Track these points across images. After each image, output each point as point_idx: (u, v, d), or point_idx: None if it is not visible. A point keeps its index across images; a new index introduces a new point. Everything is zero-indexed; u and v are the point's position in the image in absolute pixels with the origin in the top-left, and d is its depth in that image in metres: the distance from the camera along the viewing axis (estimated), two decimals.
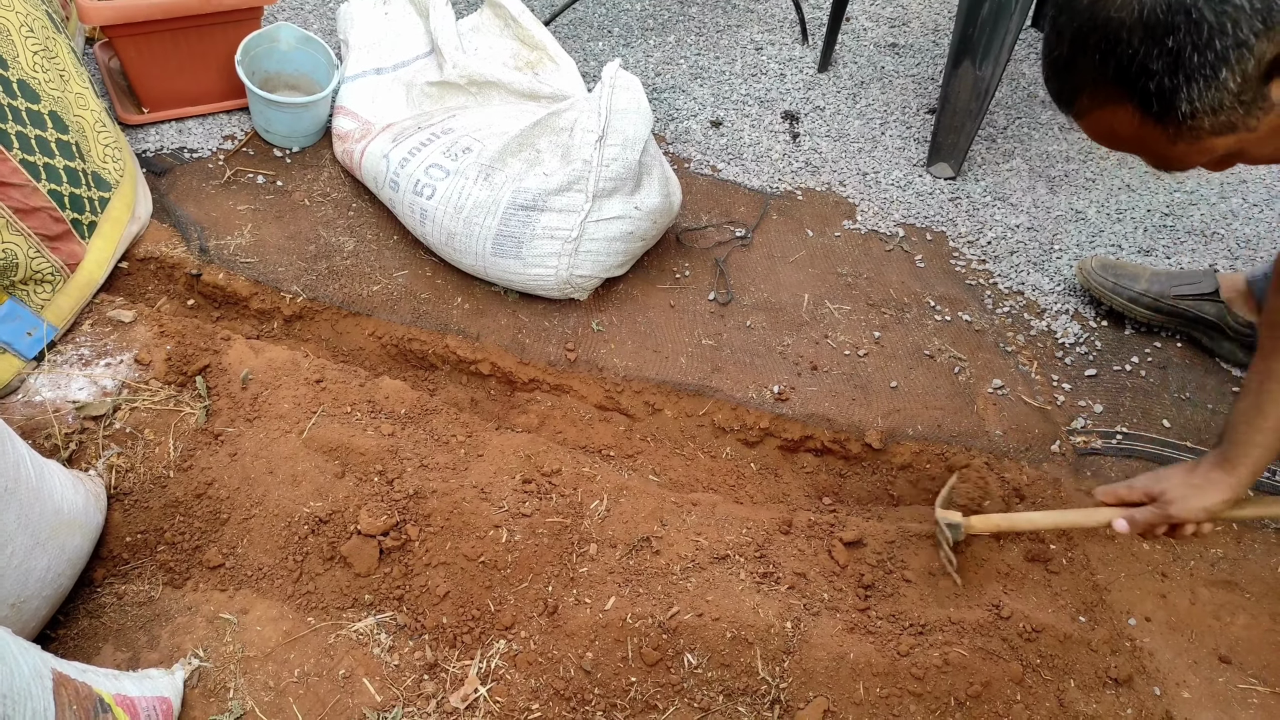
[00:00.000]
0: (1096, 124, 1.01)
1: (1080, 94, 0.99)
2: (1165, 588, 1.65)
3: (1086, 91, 0.97)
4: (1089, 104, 0.99)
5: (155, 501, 1.53)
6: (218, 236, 2.00)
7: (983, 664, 1.44)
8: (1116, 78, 0.92)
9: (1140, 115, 0.94)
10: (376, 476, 1.57)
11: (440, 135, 2.00)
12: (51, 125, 1.74)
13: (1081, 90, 0.98)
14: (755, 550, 1.58)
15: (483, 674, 1.41)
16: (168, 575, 1.48)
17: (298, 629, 1.41)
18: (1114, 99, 0.95)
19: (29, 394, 1.63)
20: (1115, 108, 0.96)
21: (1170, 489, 1.37)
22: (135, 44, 2.09)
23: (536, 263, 1.91)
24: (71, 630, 1.39)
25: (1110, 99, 0.95)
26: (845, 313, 2.08)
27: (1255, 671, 1.55)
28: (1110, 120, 0.98)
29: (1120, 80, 0.92)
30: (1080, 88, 0.98)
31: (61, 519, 1.32)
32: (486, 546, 1.50)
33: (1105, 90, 0.95)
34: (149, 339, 1.75)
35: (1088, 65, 0.94)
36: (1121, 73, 0.91)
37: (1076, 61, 0.95)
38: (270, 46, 2.23)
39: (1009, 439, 1.85)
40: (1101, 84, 0.94)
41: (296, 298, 1.95)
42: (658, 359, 1.93)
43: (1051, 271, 2.23)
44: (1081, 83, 0.97)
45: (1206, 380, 2.02)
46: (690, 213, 2.27)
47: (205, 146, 2.21)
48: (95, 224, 1.83)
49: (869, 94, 2.72)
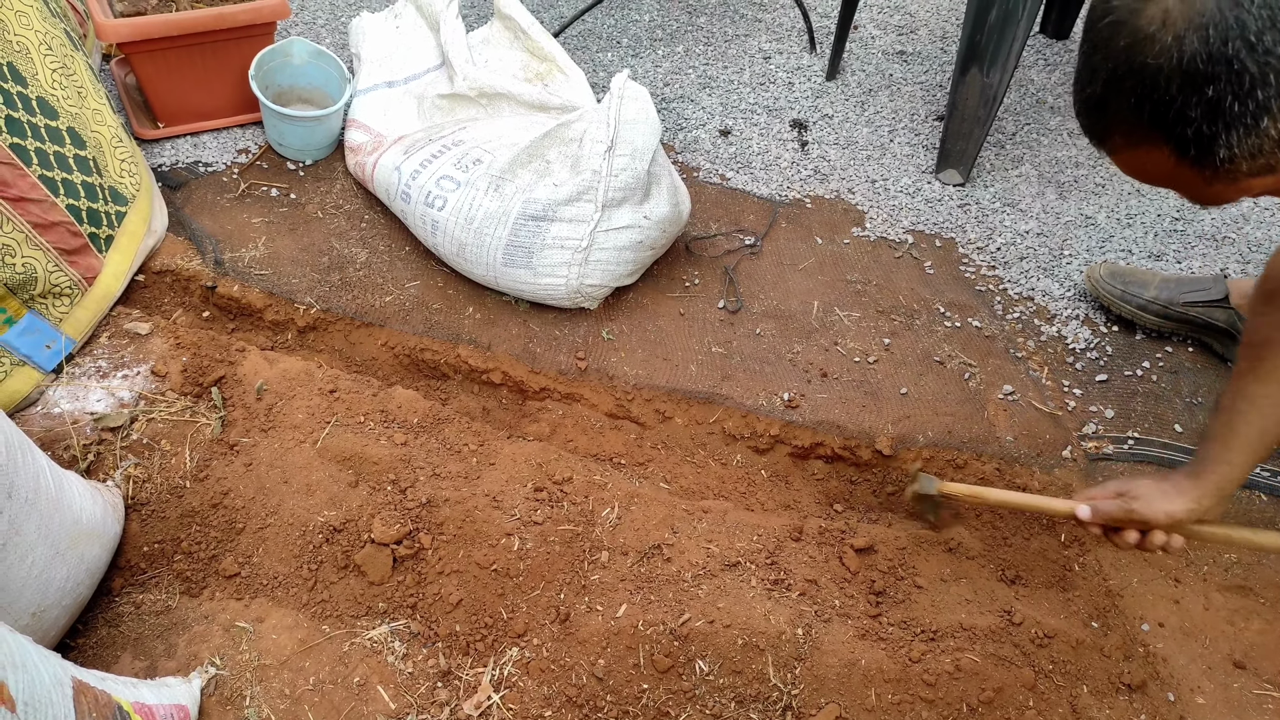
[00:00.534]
0: (1129, 162, 1.00)
1: (1113, 133, 0.97)
2: (1178, 593, 1.65)
3: (1120, 131, 0.96)
4: (1122, 143, 0.97)
5: (172, 511, 1.54)
6: (232, 249, 2.03)
7: (995, 670, 1.44)
8: (1153, 122, 0.90)
9: (1176, 158, 0.92)
10: (389, 485, 1.59)
11: (451, 147, 2.02)
12: (69, 141, 1.77)
13: (1114, 130, 0.96)
14: (766, 557, 1.58)
15: (496, 681, 1.41)
16: (184, 584, 1.49)
17: (313, 637, 1.43)
18: (1149, 141, 0.93)
19: (48, 406, 1.65)
20: (1150, 149, 0.94)
21: (1138, 488, 1.37)
22: (151, 60, 2.12)
23: (547, 272, 1.93)
24: (90, 639, 1.41)
25: (1145, 140, 0.93)
26: (855, 320, 2.09)
27: (1270, 677, 1.54)
28: (1144, 160, 0.97)
29: (1156, 125, 0.90)
30: (1113, 128, 0.96)
31: (80, 529, 1.34)
32: (499, 554, 1.51)
33: (1140, 132, 0.93)
34: (165, 351, 1.78)
35: (1122, 107, 0.92)
36: (1158, 118, 0.89)
37: (1110, 103, 0.93)
38: (283, 61, 2.26)
39: (1020, 445, 1.85)
40: (1136, 126, 0.92)
41: (310, 309, 1.97)
42: (668, 367, 1.94)
43: (1062, 277, 2.23)
44: (1115, 123, 0.95)
45: (1219, 385, 2.01)
46: (699, 221, 2.29)
47: (220, 160, 2.24)
48: (112, 238, 1.86)
49: (877, 101, 2.73)
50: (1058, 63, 2.94)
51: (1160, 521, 1.34)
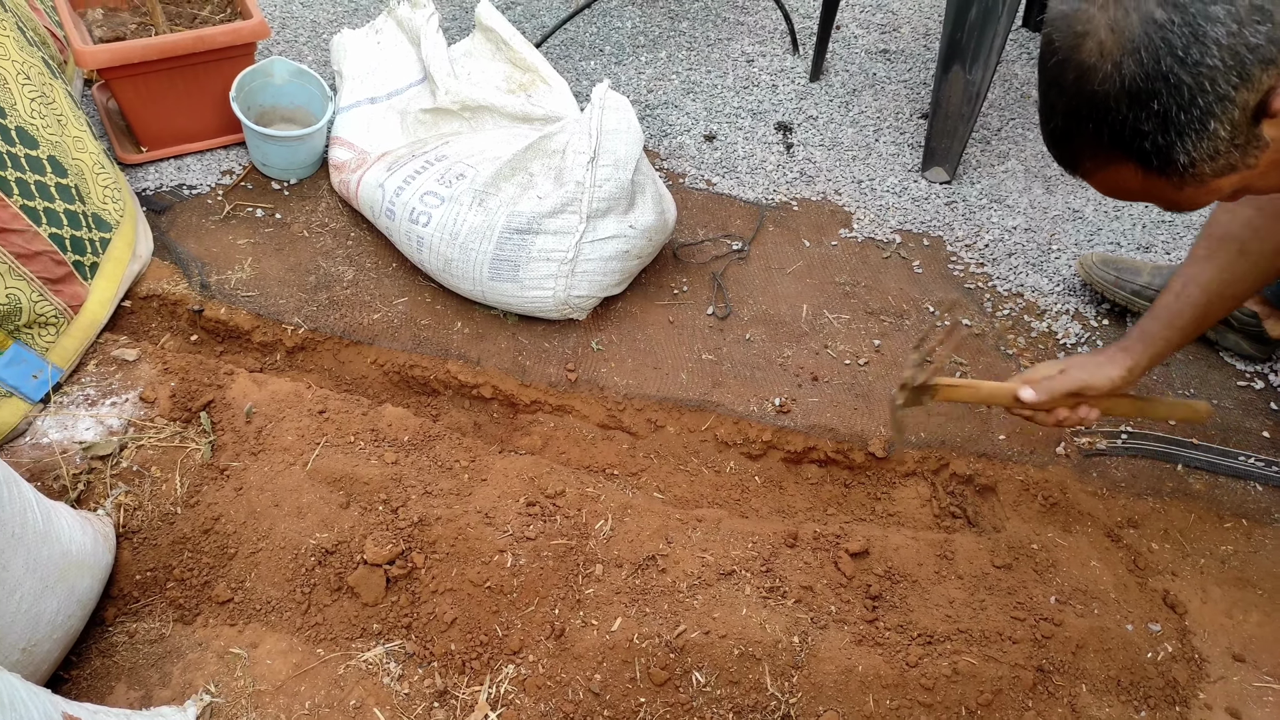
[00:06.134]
0: (1104, 182, 1.05)
1: (1082, 159, 1.03)
2: (1176, 587, 1.64)
3: (1087, 156, 1.02)
4: (1092, 167, 1.03)
5: (163, 539, 1.54)
6: (218, 271, 2.03)
7: (993, 672, 1.43)
8: (1113, 143, 0.96)
9: (1143, 171, 0.98)
10: (381, 505, 1.58)
11: (434, 162, 2.01)
12: (50, 170, 1.77)
13: (1082, 156, 1.03)
14: (761, 565, 1.58)
15: (492, 699, 1.41)
16: (178, 612, 1.49)
17: (307, 661, 1.42)
18: (1115, 160, 0.99)
19: (36, 436, 1.65)
20: (1118, 167, 1.00)
21: (1073, 363, 1.50)
22: (132, 85, 2.12)
23: (534, 285, 1.92)
24: (84, 670, 1.40)
25: (1111, 160, 0.99)
26: (844, 322, 2.08)
27: (1270, 669, 1.54)
28: (1115, 178, 1.03)
29: (1117, 144, 0.96)
30: (1080, 154, 1.02)
31: (70, 561, 1.34)
32: (492, 571, 1.51)
33: (1105, 154, 0.99)
34: (153, 376, 1.77)
35: (1085, 135, 0.98)
36: (1117, 138, 0.95)
37: (1072, 132, 1.00)
38: (264, 81, 2.26)
39: (1013, 443, 1.85)
40: (1100, 149, 0.99)
41: (298, 329, 1.96)
42: (658, 376, 1.94)
43: (1050, 272, 2.23)
44: (1081, 150, 1.01)
45: (1210, 375, 2.01)
46: (686, 228, 2.28)
47: (204, 182, 2.23)
48: (97, 265, 1.85)
49: (861, 101, 2.73)
50: None
51: (1104, 387, 1.46)
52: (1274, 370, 2.02)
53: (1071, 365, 1.49)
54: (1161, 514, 1.76)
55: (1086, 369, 1.47)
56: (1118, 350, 1.48)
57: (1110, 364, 1.47)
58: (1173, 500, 1.78)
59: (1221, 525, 1.75)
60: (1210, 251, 1.43)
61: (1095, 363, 1.48)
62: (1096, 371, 1.47)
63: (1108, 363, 1.47)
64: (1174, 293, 1.46)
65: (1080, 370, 1.47)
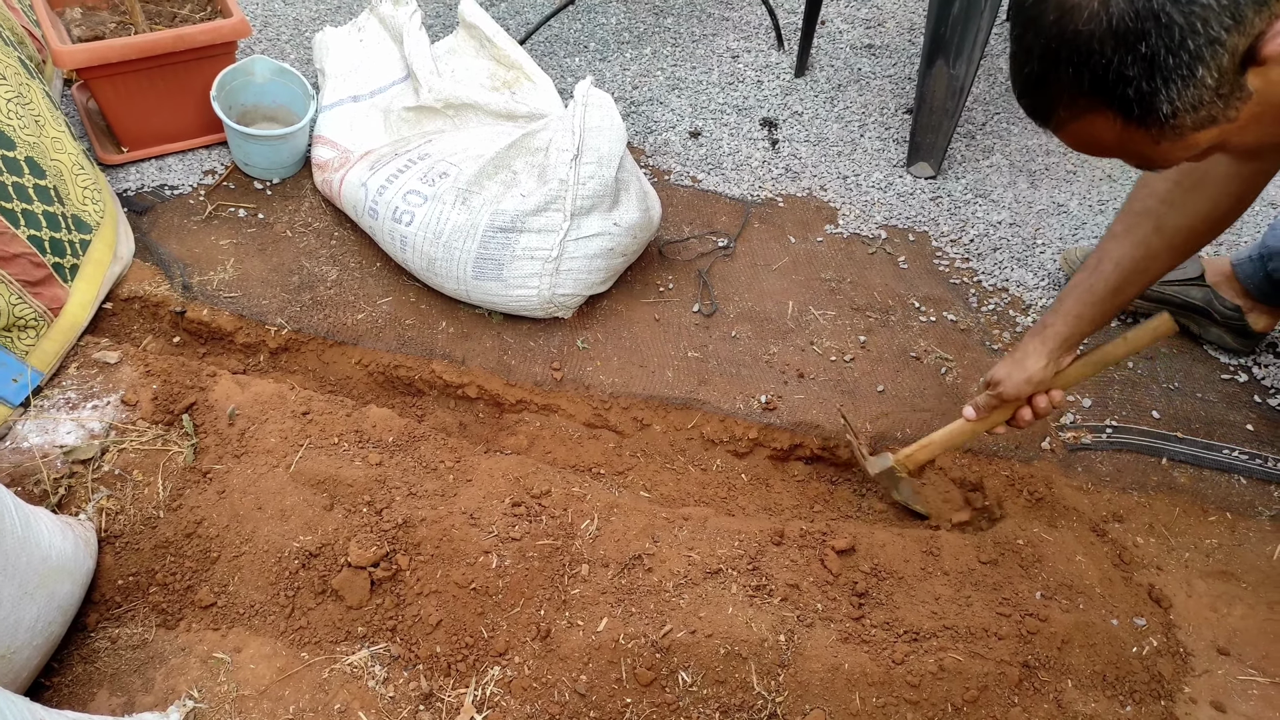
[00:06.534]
0: (1077, 134, 1.00)
1: (1056, 108, 0.98)
2: (1161, 581, 1.65)
3: (1063, 104, 0.96)
4: (1067, 116, 0.98)
5: (146, 543, 1.53)
6: (201, 272, 2.01)
7: (979, 668, 1.43)
8: (1093, 89, 0.91)
9: (1121, 121, 0.93)
10: (365, 507, 1.57)
11: (417, 161, 2.00)
12: (28, 171, 1.75)
13: (1057, 104, 0.97)
14: (748, 563, 1.58)
15: (478, 702, 1.40)
16: (160, 617, 1.48)
17: (291, 665, 1.41)
18: (1092, 108, 0.94)
19: (16, 441, 1.63)
20: (1094, 116, 0.95)
21: (997, 372, 1.52)
22: (111, 84, 2.10)
23: (518, 284, 1.91)
24: (66, 677, 1.39)
25: (1089, 109, 0.95)
26: (830, 318, 2.08)
27: (1254, 662, 1.55)
28: (1090, 129, 0.98)
29: (1097, 90, 0.91)
30: (1056, 102, 0.97)
31: (49, 566, 1.32)
32: (477, 573, 1.50)
33: (1083, 101, 0.94)
34: (135, 379, 1.76)
35: (1062, 79, 0.93)
36: (1098, 83, 0.91)
37: (1049, 77, 0.95)
38: (246, 80, 2.24)
39: (998, 438, 1.85)
40: (1078, 96, 0.94)
41: (281, 330, 1.95)
42: (644, 374, 1.93)
43: (1035, 266, 2.23)
44: (1057, 97, 0.96)
45: (1195, 369, 2.02)
46: (672, 225, 2.28)
47: (186, 183, 2.22)
48: (77, 267, 1.84)
49: (847, 97, 2.72)
50: None
51: (1024, 390, 1.49)
52: (1258, 363, 2.03)
53: (996, 372, 1.52)
54: (1146, 508, 1.77)
55: (1007, 373, 1.50)
56: (1033, 341, 1.49)
57: (1028, 359, 1.48)
58: (1157, 494, 1.78)
59: (1206, 519, 1.76)
60: (1127, 228, 1.41)
61: (1013, 364, 1.50)
62: (1015, 374, 1.49)
63: (1025, 358, 1.49)
64: (1089, 269, 1.45)
65: (1006, 383, 1.49)
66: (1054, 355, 1.48)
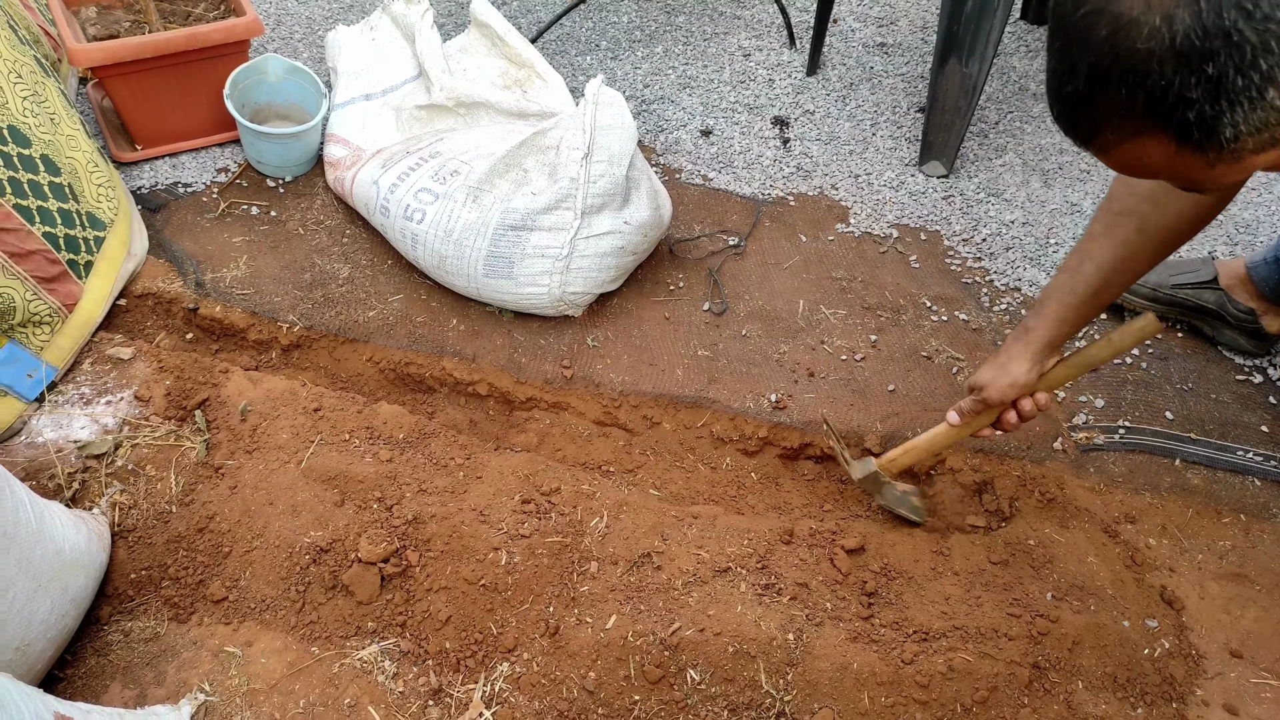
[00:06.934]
0: (1123, 157, 0.93)
1: (1103, 130, 0.91)
2: (1173, 582, 1.64)
3: (1111, 127, 0.89)
4: (1114, 139, 0.91)
5: (158, 537, 1.54)
6: (214, 269, 2.02)
7: (989, 669, 1.43)
8: (1148, 111, 0.84)
9: (1176, 144, 0.86)
10: (375, 503, 1.58)
11: (428, 159, 2.01)
12: (44, 169, 1.76)
13: (1105, 126, 0.90)
14: (757, 561, 1.58)
15: (487, 698, 1.41)
16: (172, 610, 1.49)
17: (302, 659, 1.42)
18: (1145, 131, 0.87)
19: (31, 435, 1.65)
20: (1146, 139, 0.88)
21: (981, 377, 1.50)
22: (125, 83, 2.11)
23: (529, 282, 1.92)
24: (79, 669, 1.40)
25: (1140, 131, 0.88)
26: (841, 317, 2.08)
27: (1267, 665, 1.54)
28: (1139, 152, 0.91)
29: (1152, 113, 0.84)
30: (1103, 124, 0.90)
31: (64, 560, 1.33)
32: (487, 569, 1.50)
33: (1134, 124, 0.87)
34: (148, 375, 1.77)
35: (1112, 101, 0.86)
36: (1154, 105, 0.83)
37: (1097, 98, 0.87)
38: (259, 79, 2.25)
39: (1010, 438, 1.84)
40: (1129, 119, 0.87)
41: (293, 327, 1.96)
42: (654, 372, 1.93)
43: (1048, 266, 2.22)
44: (1105, 119, 0.89)
45: (1209, 370, 2.00)
46: (683, 223, 2.28)
47: (199, 180, 2.23)
48: (91, 263, 1.85)
49: (858, 95, 2.71)
50: (1039, 49, 2.92)
51: (1009, 395, 1.48)
52: (1273, 364, 2.01)
53: (980, 377, 1.51)
54: (1159, 509, 1.75)
55: (991, 378, 1.49)
56: (1017, 344, 1.48)
57: (1012, 363, 1.47)
58: (1170, 495, 1.77)
59: (1219, 520, 1.74)
60: (1108, 228, 1.38)
61: (997, 368, 1.49)
62: (999, 379, 1.48)
63: (1009, 362, 1.47)
64: (1070, 270, 1.42)
65: (990, 387, 1.48)
66: (1037, 359, 1.46)
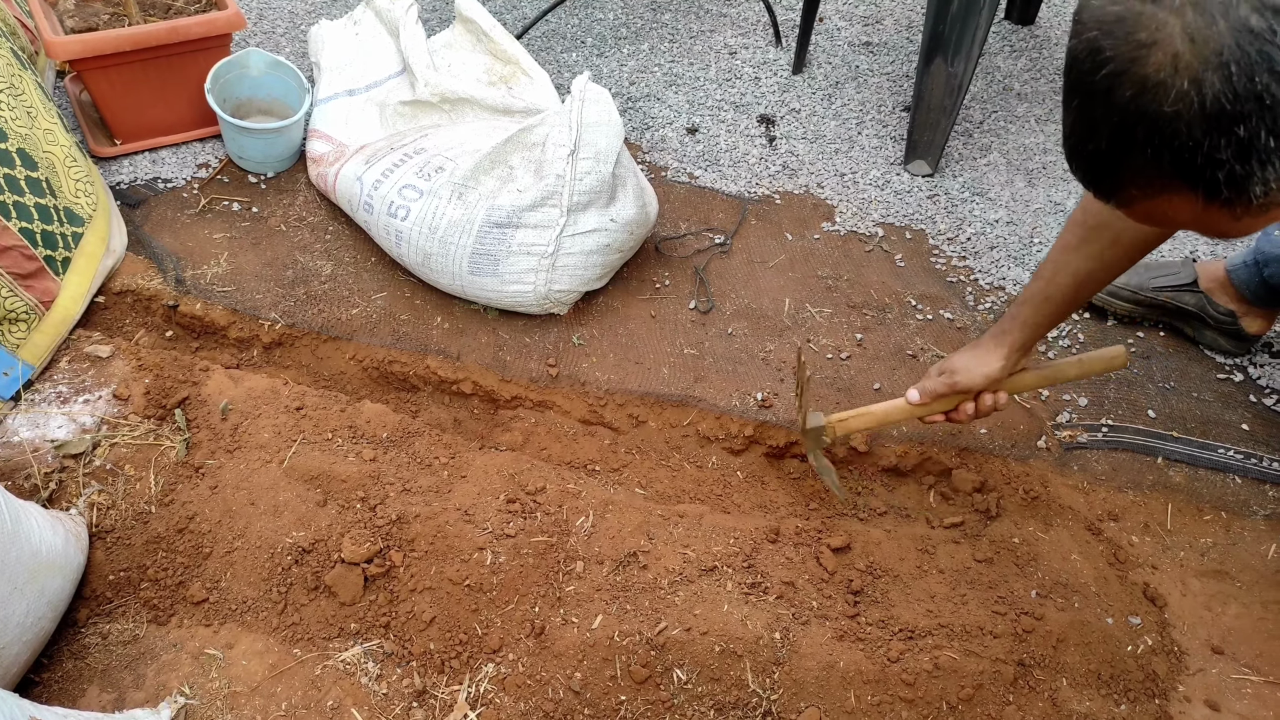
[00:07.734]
0: (1148, 211, 0.93)
1: (1126, 187, 0.90)
2: (1156, 580, 1.65)
3: (1135, 185, 0.89)
4: (1139, 195, 0.90)
5: (137, 538, 1.52)
6: (194, 266, 2.00)
7: (974, 667, 1.43)
8: (1175, 171, 0.83)
9: (1204, 201, 0.85)
10: (359, 503, 1.56)
11: (413, 155, 1.99)
12: (20, 163, 1.73)
13: (1128, 184, 0.89)
14: (743, 560, 1.57)
15: (471, 699, 1.40)
16: (152, 612, 1.47)
17: (284, 661, 1.40)
18: (1170, 189, 0.86)
19: (6, 435, 1.62)
20: (1172, 196, 0.87)
21: (955, 362, 1.53)
22: (104, 76, 2.08)
23: (514, 279, 1.90)
24: (55, 673, 1.38)
25: (1166, 189, 0.87)
26: (826, 316, 2.08)
27: (1248, 661, 1.55)
28: (1164, 208, 0.90)
29: (1180, 173, 0.83)
30: (1127, 183, 0.89)
31: (40, 562, 1.31)
32: (471, 569, 1.49)
33: (1160, 182, 0.86)
34: (127, 373, 1.75)
35: (1137, 160, 0.84)
36: (1182, 166, 0.82)
37: (1121, 158, 0.86)
38: (240, 73, 2.23)
39: (994, 436, 1.85)
40: (1155, 177, 0.85)
41: (275, 324, 1.94)
42: (640, 370, 1.92)
43: (1032, 265, 2.22)
44: (1130, 178, 0.88)
45: (1190, 368, 2.02)
46: (669, 221, 2.27)
47: (179, 176, 2.20)
48: (69, 260, 1.82)
49: (844, 94, 2.72)
50: (1023, 49, 2.93)
51: (980, 384, 1.50)
52: (1253, 363, 2.03)
53: (953, 362, 1.53)
54: (1142, 507, 1.76)
55: (965, 365, 1.51)
56: (993, 341, 1.51)
57: (989, 355, 1.50)
58: (1153, 493, 1.78)
59: (1201, 518, 1.76)
60: (1083, 239, 1.40)
61: (973, 357, 1.52)
62: (975, 367, 1.50)
63: (986, 354, 1.50)
64: (1044, 279, 1.45)
65: (962, 374, 1.51)
66: (1010, 357, 1.50)
